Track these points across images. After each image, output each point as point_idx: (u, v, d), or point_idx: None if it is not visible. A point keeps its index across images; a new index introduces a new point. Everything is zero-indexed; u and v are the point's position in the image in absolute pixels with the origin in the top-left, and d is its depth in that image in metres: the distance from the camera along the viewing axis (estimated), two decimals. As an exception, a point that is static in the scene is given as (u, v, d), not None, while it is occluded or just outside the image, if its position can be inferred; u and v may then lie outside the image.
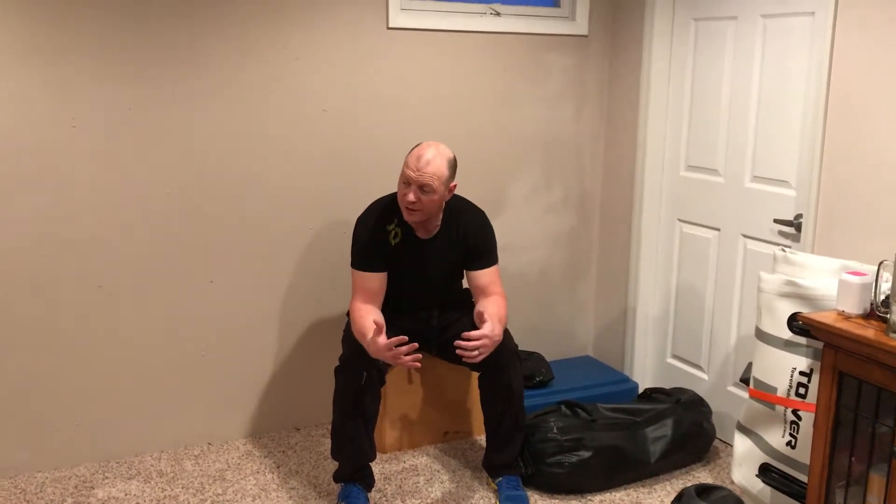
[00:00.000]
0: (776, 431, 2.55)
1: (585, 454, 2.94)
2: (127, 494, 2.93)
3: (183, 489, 2.98)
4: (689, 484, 2.94)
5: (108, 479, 3.04)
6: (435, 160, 2.71)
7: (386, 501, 2.92)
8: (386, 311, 2.85)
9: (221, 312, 3.26)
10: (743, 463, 2.68)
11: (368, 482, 2.87)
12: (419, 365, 2.61)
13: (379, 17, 3.29)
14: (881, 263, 2.21)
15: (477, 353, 2.63)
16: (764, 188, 3.11)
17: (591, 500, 2.95)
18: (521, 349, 3.40)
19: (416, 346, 2.60)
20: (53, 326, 3.01)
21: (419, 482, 3.06)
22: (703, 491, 2.62)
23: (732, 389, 3.34)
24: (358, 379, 2.74)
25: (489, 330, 2.65)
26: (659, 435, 3.07)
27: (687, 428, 3.13)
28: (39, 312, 2.98)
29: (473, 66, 3.51)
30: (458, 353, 2.64)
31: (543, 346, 3.83)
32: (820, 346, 2.31)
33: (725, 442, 3.34)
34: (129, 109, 2.98)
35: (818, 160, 2.79)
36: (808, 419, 2.42)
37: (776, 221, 3.03)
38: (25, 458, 3.05)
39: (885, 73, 2.57)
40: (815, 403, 2.34)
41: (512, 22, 3.54)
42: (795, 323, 2.42)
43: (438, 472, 3.14)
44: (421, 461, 3.22)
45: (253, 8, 3.08)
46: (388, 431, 3.25)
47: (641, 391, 3.51)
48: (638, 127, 3.58)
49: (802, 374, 2.45)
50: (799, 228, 2.92)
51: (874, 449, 2.17)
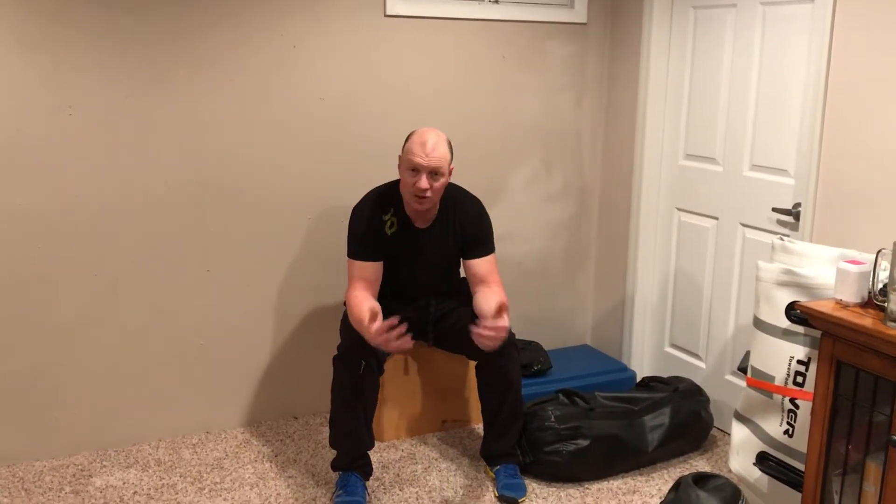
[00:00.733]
0: (774, 420, 2.55)
1: (583, 442, 2.95)
2: (125, 483, 2.94)
3: (181, 477, 2.98)
4: (686, 472, 2.95)
5: (105, 467, 3.05)
6: (439, 144, 2.74)
7: (384, 490, 2.92)
8: (383, 300, 2.85)
9: (219, 301, 3.26)
10: (740, 451, 2.68)
11: (366, 471, 2.87)
12: (409, 346, 2.54)
13: (376, 4, 3.28)
14: (879, 252, 2.21)
15: (490, 342, 2.55)
16: (762, 177, 3.10)
17: (588, 488, 2.96)
18: (519, 338, 3.40)
19: (404, 327, 2.52)
20: (51, 316, 3.01)
21: (417, 470, 3.06)
22: (700, 479, 2.63)
23: (730, 378, 3.34)
24: (356, 368, 2.74)
25: (504, 322, 2.57)
26: (657, 423, 3.08)
27: (684, 417, 3.13)
28: (36, 301, 2.98)
29: (472, 53, 3.49)
30: (473, 335, 2.55)
31: (542, 334, 3.83)
32: (818, 334, 2.30)
33: (723, 430, 3.34)
34: (126, 97, 2.97)
35: (817, 149, 2.78)
36: (805, 408, 2.43)
37: (774, 210, 3.02)
38: (23, 446, 3.05)
39: (884, 61, 2.55)
40: (812, 392, 2.34)
41: (511, 9, 3.52)
42: (793, 312, 2.42)
43: (436, 460, 3.14)
44: (419, 450, 3.22)
45: (250, -5, 3.07)
46: (386, 420, 3.25)
47: (639, 380, 3.51)
48: (637, 115, 3.57)
49: (800, 362, 2.45)
50: (797, 217, 2.91)
51: (871, 437, 2.18)
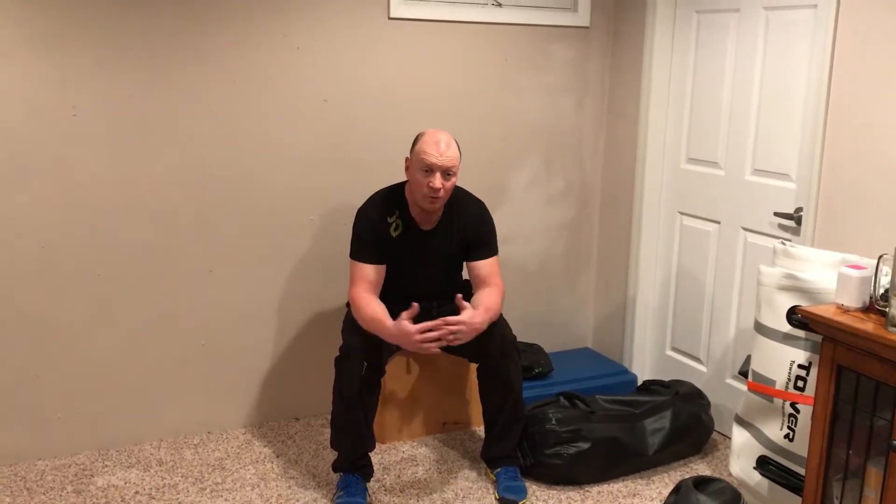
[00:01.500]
0: (774, 424, 2.55)
1: (584, 445, 2.95)
2: (126, 482, 2.94)
3: (182, 478, 2.99)
4: (686, 476, 2.95)
5: (107, 467, 3.05)
6: (451, 144, 2.79)
7: (384, 491, 2.93)
8: (385, 302, 2.85)
9: (221, 302, 3.26)
10: (741, 455, 2.69)
11: (367, 472, 2.87)
12: (439, 350, 2.62)
13: (380, 6, 3.28)
14: (881, 257, 2.21)
15: (452, 336, 2.64)
16: (764, 181, 3.11)
17: (588, 491, 2.96)
18: (520, 340, 3.41)
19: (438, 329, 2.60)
20: (53, 315, 3.01)
21: (418, 472, 3.07)
22: (700, 483, 2.63)
23: (731, 382, 3.35)
24: (358, 369, 2.74)
25: (467, 317, 2.66)
26: (657, 427, 3.08)
27: (685, 420, 3.14)
28: (39, 301, 2.98)
29: (475, 56, 3.50)
30: (431, 333, 2.63)
31: (543, 337, 3.83)
32: (819, 339, 2.30)
33: (724, 434, 3.35)
34: (129, 98, 2.97)
35: (819, 153, 2.78)
36: (806, 412, 2.43)
37: (776, 214, 3.03)
38: (25, 445, 3.06)
39: (887, 66, 2.56)
40: (813, 396, 2.34)
41: (514, 13, 3.53)
42: (794, 316, 2.42)
43: (437, 462, 3.14)
44: (420, 451, 3.23)
45: (254, -3, 3.08)
46: (387, 422, 3.26)
47: (640, 383, 3.51)
48: (639, 119, 3.57)
49: (801, 367, 2.45)
50: (799, 222, 2.92)
51: (872, 442, 2.18)
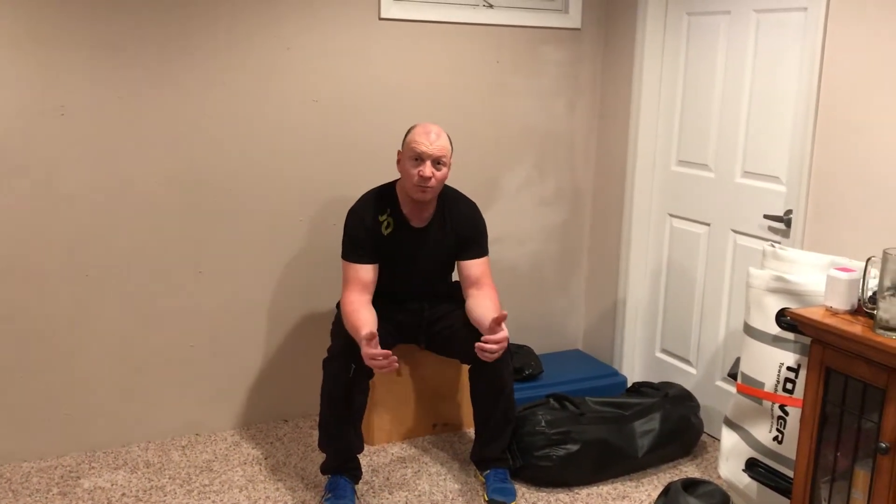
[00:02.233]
0: (763, 426, 2.55)
1: (573, 447, 2.95)
2: (113, 485, 2.92)
3: (170, 480, 2.97)
4: (676, 478, 2.95)
5: (94, 469, 3.03)
6: (441, 134, 2.80)
7: (373, 493, 2.92)
8: (377, 302, 2.85)
9: (210, 303, 3.25)
10: (730, 457, 2.69)
11: (356, 474, 2.86)
12: (396, 368, 2.62)
13: (371, 7, 3.28)
14: (869, 259, 2.22)
15: (492, 355, 2.67)
16: (754, 183, 3.11)
17: (578, 493, 2.96)
18: (511, 342, 3.40)
19: (395, 360, 2.59)
20: (40, 316, 2.99)
21: (407, 474, 3.06)
22: (689, 485, 2.63)
23: (720, 384, 3.35)
24: (346, 371, 2.73)
25: (506, 332, 2.69)
26: (647, 429, 3.08)
27: (675, 422, 3.14)
28: (26, 301, 2.96)
29: (466, 58, 3.50)
30: (477, 353, 2.67)
31: (533, 339, 3.83)
32: (807, 341, 2.31)
33: (713, 436, 3.35)
34: (118, 98, 2.96)
35: (808, 156, 2.79)
36: (794, 414, 2.43)
37: (766, 217, 3.03)
38: (11, 447, 3.04)
39: (876, 69, 2.57)
40: (801, 399, 2.34)
41: (505, 14, 3.52)
42: (783, 318, 2.43)
43: (426, 464, 3.14)
44: (409, 453, 3.22)
45: (244, -3, 3.07)
46: (376, 423, 3.25)
47: (630, 385, 3.52)
48: (630, 121, 3.58)
49: (790, 369, 2.46)
50: (788, 224, 2.92)
51: (859, 444, 2.18)
